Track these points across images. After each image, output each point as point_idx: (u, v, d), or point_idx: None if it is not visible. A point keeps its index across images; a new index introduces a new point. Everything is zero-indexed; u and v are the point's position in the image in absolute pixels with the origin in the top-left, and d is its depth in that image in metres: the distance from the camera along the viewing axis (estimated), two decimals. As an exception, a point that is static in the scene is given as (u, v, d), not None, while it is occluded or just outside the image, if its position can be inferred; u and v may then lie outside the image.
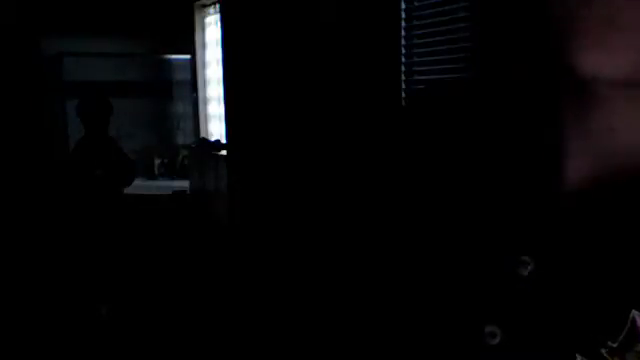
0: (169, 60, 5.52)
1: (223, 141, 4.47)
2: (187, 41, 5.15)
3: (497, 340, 0.38)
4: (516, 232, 0.40)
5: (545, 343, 0.37)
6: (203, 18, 5.12)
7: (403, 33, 2.44)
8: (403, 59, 2.46)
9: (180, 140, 5.56)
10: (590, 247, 0.36)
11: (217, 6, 4.63)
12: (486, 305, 0.40)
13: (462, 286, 0.41)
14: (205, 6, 5.04)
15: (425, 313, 0.44)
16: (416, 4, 2.40)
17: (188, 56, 5.23)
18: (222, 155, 4.18)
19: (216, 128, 5.11)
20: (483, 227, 0.42)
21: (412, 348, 0.44)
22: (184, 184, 4.78)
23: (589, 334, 0.35)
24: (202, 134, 5.18)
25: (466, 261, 0.42)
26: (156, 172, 5.28)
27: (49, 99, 4.95)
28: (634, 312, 0.33)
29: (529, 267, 0.38)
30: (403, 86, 2.47)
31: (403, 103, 2.48)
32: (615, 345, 0.33)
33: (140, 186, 4.42)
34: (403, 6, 2.42)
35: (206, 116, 5.27)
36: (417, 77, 2.44)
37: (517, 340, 0.38)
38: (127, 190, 3.81)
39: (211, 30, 5.04)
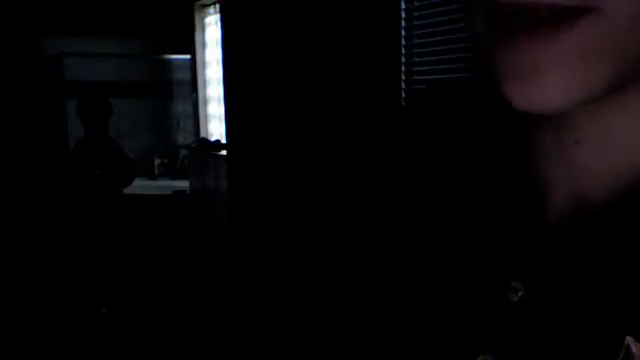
0: (169, 60, 5.51)
1: (223, 141, 4.47)
2: (187, 41, 5.15)
3: None
4: (506, 254, 0.38)
5: None
6: (203, 18, 5.12)
7: (403, 33, 2.44)
8: (403, 59, 2.46)
9: (180, 140, 5.56)
10: (582, 271, 0.35)
11: (217, 6, 4.63)
12: (476, 331, 0.38)
13: (452, 310, 0.40)
14: (205, 6, 5.04)
15: (416, 335, 0.42)
16: (416, 4, 2.40)
17: (188, 56, 5.23)
18: (222, 155, 4.18)
19: (216, 128, 5.11)
20: (475, 244, 0.40)
21: None
22: (184, 184, 4.78)
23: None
24: (202, 134, 5.18)
25: (457, 284, 0.40)
26: (156, 172, 5.28)
27: (49, 99, 4.95)
28: (628, 338, 0.31)
29: (520, 293, 0.36)
30: (403, 86, 2.47)
31: (403, 103, 2.48)
32: None
33: (140, 186, 4.42)
34: (403, 6, 2.42)
35: (206, 116, 5.27)
36: (417, 77, 2.44)
37: None
38: (127, 190, 3.81)
39: (211, 30, 5.04)
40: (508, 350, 0.36)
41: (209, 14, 5.04)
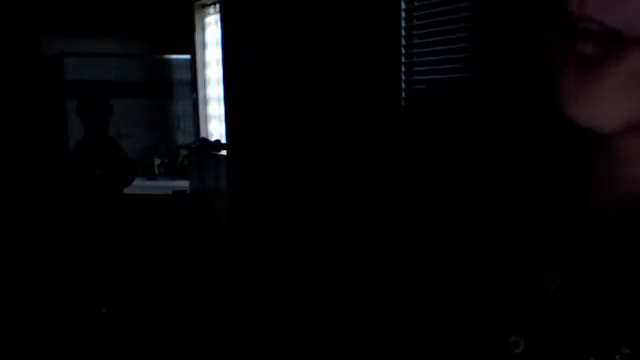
0: (169, 60, 5.52)
1: (223, 141, 4.47)
2: (187, 41, 5.15)
3: (520, 349, 0.39)
4: (540, 245, 0.40)
5: (564, 351, 0.37)
6: (203, 18, 5.12)
7: (403, 33, 2.44)
8: (403, 59, 2.46)
9: (180, 140, 5.56)
10: (613, 267, 0.37)
11: (217, 6, 4.63)
12: (510, 317, 0.40)
13: (485, 297, 0.42)
14: (205, 6, 5.04)
15: (444, 322, 0.44)
16: (416, 4, 2.40)
17: (188, 56, 5.23)
18: (222, 155, 4.18)
19: (216, 128, 5.11)
20: (500, 237, 0.42)
21: (431, 357, 0.44)
22: (184, 184, 4.78)
23: (605, 340, 0.35)
24: (202, 134, 5.18)
25: (485, 273, 0.42)
26: (156, 172, 5.28)
27: (49, 99, 4.95)
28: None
29: (556, 282, 0.38)
30: (403, 86, 2.47)
31: (403, 103, 2.48)
32: (628, 351, 0.34)
33: (140, 186, 4.41)
34: (403, 6, 2.42)
35: (206, 116, 5.27)
36: (417, 77, 2.44)
37: (539, 349, 0.38)
38: (127, 190, 3.81)
39: (211, 30, 5.04)
40: (540, 334, 0.38)
41: (209, 14, 5.04)
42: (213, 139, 4.80)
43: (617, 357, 0.34)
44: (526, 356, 0.38)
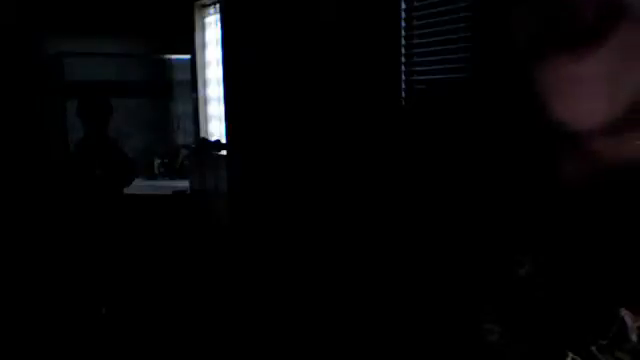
0: (169, 60, 5.52)
1: (223, 141, 4.47)
2: (187, 41, 5.15)
3: (495, 336, 0.39)
4: (514, 232, 0.40)
5: (540, 340, 0.37)
6: (203, 18, 5.12)
7: (403, 33, 2.44)
8: (403, 59, 2.46)
9: (180, 140, 5.56)
10: (585, 247, 0.37)
11: (217, 6, 4.63)
12: (484, 303, 0.40)
13: (460, 284, 0.42)
14: (205, 6, 5.04)
15: (423, 310, 0.44)
16: (416, 4, 2.40)
17: (188, 56, 5.23)
18: (222, 155, 4.18)
19: (216, 128, 5.11)
20: (481, 226, 0.42)
21: (411, 345, 0.45)
22: (184, 184, 4.78)
23: (581, 332, 0.35)
24: (202, 134, 5.18)
25: (463, 260, 0.42)
26: (156, 172, 5.28)
27: (49, 99, 4.95)
28: (623, 310, 0.33)
29: (526, 267, 0.38)
30: (403, 86, 2.47)
31: (403, 103, 2.48)
32: (605, 343, 0.34)
33: (140, 186, 4.42)
34: (403, 6, 2.42)
35: (206, 116, 5.27)
36: (417, 77, 2.44)
37: (514, 337, 0.39)
38: (127, 190, 3.81)
39: (211, 30, 5.04)
40: (511, 320, 0.38)
41: (209, 14, 5.04)
42: (213, 139, 4.80)
43: (594, 349, 0.34)
44: (501, 343, 0.38)
